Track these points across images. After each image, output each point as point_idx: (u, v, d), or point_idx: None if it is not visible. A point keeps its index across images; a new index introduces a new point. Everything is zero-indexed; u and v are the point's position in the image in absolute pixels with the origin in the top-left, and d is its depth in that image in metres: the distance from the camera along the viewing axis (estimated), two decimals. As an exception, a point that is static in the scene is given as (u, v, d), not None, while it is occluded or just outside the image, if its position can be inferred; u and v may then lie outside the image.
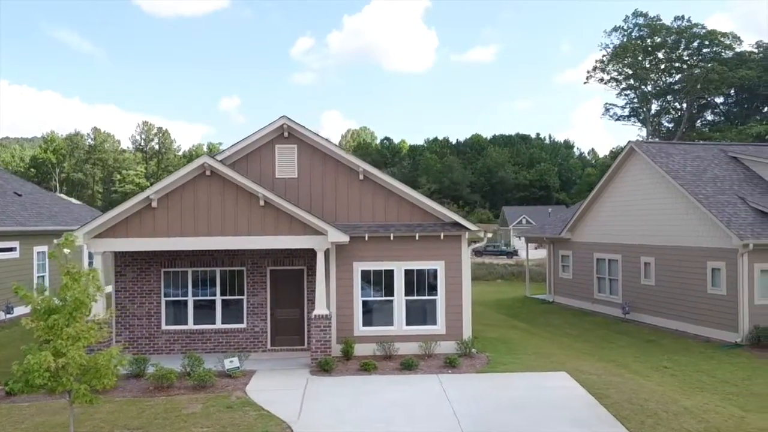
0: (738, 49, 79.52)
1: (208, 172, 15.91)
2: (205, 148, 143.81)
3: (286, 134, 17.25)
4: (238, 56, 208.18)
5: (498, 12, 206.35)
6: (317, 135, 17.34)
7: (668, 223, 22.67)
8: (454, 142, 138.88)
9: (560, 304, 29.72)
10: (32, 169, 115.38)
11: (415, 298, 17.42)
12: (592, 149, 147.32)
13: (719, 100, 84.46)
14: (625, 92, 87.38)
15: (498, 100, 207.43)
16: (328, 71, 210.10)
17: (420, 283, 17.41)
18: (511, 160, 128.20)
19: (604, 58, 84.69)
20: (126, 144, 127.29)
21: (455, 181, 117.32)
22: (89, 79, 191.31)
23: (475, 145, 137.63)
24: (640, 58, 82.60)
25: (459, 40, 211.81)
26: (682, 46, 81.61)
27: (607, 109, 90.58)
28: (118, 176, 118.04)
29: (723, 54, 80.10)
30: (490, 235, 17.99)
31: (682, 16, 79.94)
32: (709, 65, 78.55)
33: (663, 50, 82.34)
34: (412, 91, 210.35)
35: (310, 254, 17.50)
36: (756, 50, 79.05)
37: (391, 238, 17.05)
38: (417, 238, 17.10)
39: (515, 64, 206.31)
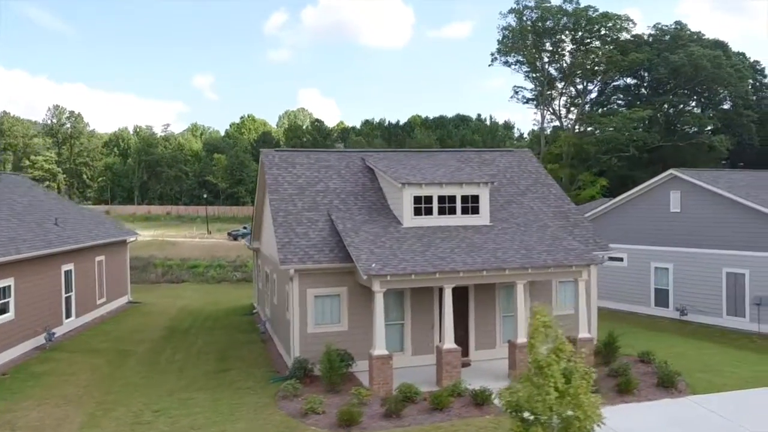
0: (634, 32, 77.83)
1: None
2: (131, 131, 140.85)
3: None
4: (210, 31, 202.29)
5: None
6: None
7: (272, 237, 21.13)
8: (386, 122, 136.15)
9: (258, 314, 28.32)
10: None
11: None
12: (532, 130, 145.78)
13: (632, 82, 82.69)
14: (530, 75, 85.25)
15: (470, 77, 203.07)
16: (303, 48, 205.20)
17: None
18: (441, 143, 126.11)
19: (506, 41, 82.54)
20: (38, 128, 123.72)
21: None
22: (57, 57, 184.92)
23: (406, 127, 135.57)
24: (531, 41, 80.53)
25: (435, 16, 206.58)
26: (581, 30, 79.52)
27: (516, 92, 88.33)
28: (27, 162, 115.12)
29: (613, 36, 78.35)
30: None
31: (570, -3, 77.66)
32: (607, 47, 77.00)
33: (557, 33, 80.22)
34: (389, 68, 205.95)
35: None
36: (655, 33, 77.40)
37: None
38: None
39: (491, 41, 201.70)
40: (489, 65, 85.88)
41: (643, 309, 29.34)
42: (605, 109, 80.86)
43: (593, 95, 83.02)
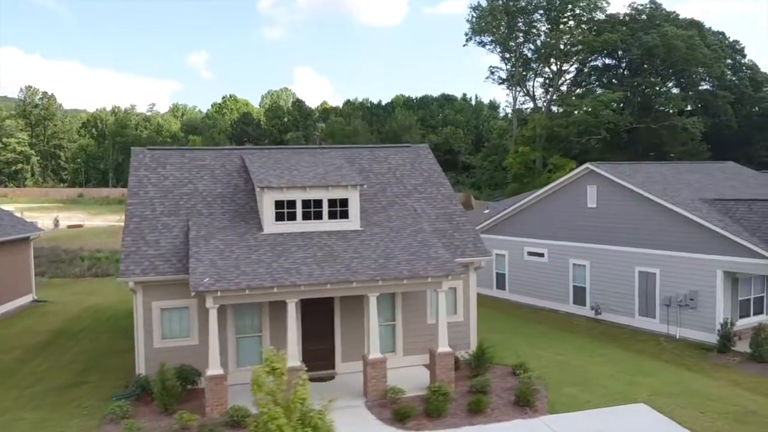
0: (609, 11, 76.04)
1: None
2: (108, 109, 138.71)
3: None
4: (204, 8, 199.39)
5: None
6: None
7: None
8: (375, 102, 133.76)
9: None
10: None
11: None
12: (518, 108, 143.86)
13: (610, 62, 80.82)
14: (506, 55, 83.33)
15: (464, 55, 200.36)
16: (297, 26, 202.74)
17: None
18: (423, 123, 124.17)
19: (479, 21, 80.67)
20: (10, 109, 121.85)
21: (359, 144, 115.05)
22: (51, 34, 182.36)
23: (388, 108, 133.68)
24: (504, 21, 78.64)
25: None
26: (555, 10, 77.58)
27: (492, 72, 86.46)
28: (0, 144, 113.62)
29: (587, 15, 76.51)
30: None
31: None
32: (582, 27, 75.36)
33: (531, 13, 78.27)
34: (383, 47, 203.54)
35: None
36: (631, 12, 75.47)
37: None
38: None
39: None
40: (464, 45, 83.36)
41: (563, 307, 28.36)
42: (583, 89, 79.13)
43: (571, 76, 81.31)
